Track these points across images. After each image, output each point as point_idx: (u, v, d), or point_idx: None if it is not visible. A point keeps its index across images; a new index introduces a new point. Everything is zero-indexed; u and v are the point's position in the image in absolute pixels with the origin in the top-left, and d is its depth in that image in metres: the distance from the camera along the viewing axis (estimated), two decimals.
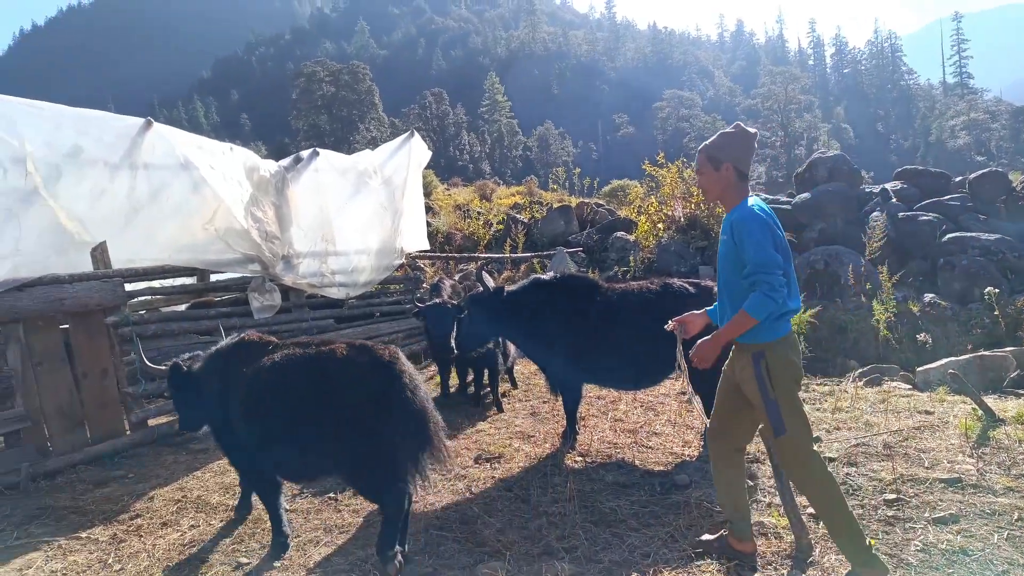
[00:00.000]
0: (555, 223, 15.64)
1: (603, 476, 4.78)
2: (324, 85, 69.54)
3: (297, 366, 3.64)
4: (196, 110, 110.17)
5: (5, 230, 5.42)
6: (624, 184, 23.07)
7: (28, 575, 3.80)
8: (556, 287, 5.49)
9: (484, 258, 13.17)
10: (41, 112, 5.63)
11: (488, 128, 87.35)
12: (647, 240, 12.66)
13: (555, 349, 5.35)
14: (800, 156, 61.44)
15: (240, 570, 3.70)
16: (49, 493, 5.07)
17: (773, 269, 2.98)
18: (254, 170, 7.47)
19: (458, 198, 21.34)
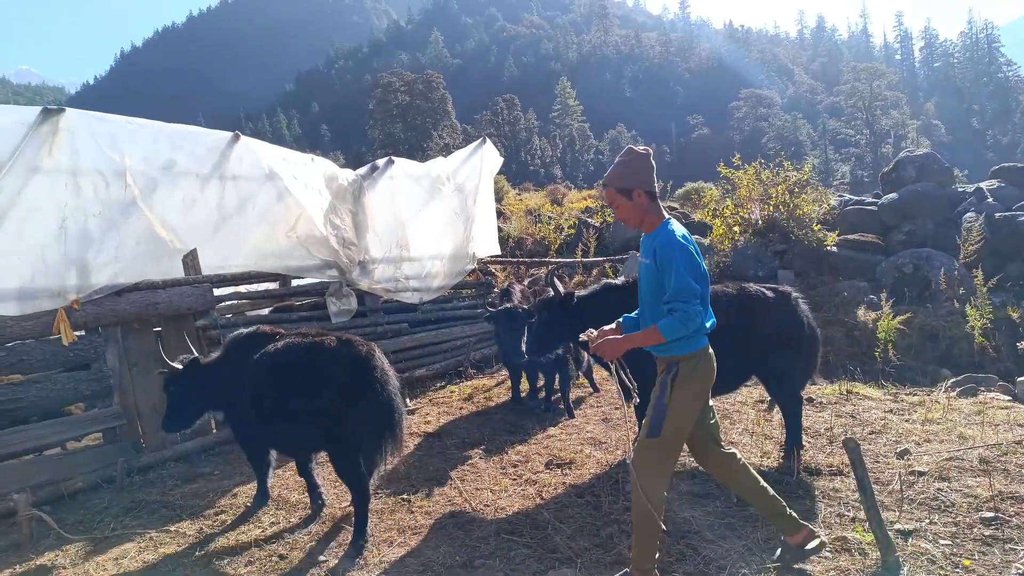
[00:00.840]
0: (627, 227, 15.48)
1: (677, 485, 4.66)
2: (399, 95, 71.16)
3: (290, 355, 4.19)
4: (280, 122, 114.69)
5: (107, 239, 5.77)
6: (698, 187, 22.58)
7: (123, 564, 4.03)
8: (628, 291, 5.40)
9: (555, 263, 13.15)
10: (140, 128, 5.98)
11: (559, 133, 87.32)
12: (722, 244, 12.34)
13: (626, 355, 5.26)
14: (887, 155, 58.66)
15: (318, 567, 3.81)
16: (142, 488, 5.37)
17: (691, 298, 3.07)
18: (333, 179, 7.72)
19: (529, 203, 21.39)
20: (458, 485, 4.93)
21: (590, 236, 14.58)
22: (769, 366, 4.99)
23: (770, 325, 4.89)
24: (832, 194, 15.00)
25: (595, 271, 13.29)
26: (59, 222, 5.43)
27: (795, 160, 14.51)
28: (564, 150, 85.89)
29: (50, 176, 5.35)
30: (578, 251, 14.05)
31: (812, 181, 13.04)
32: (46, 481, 5.14)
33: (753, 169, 12.75)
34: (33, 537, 4.39)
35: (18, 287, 5.22)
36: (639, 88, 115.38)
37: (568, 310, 5.26)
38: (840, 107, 77.53)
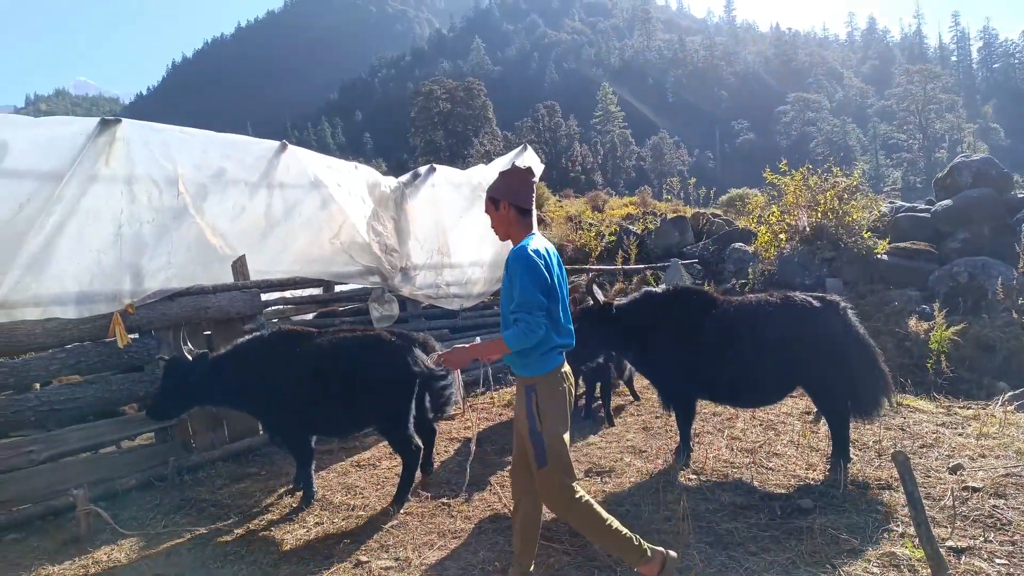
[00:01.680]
0: (669, 234, 15.35)
1: (719, 496, 4.63)
2: (440, 102, 71.86)
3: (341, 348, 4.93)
4: (324, 130, 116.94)
5: (160, 245, 6.00)
6: (743, 193, 22.28)
7: (174, 561, 4.18)
8: (668, 299, 5.39)
9: (596, 270, 13.12)
10: (192, 138, 6.21)
11: (600, 139, 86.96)
12: (767, 251, 12.16)
13: (667, 364, 5.26)
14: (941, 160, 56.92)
15: (360, 568, 3.90)
16: (192, 486, 5.56)
17: (533, 310, 3.12)
18: (376, 186, 7.88)
19: (569, 209, 21.39)
20: (497, 491, 4.98)
21: (631, 243, 14.52)
22: (815, 378, 4.92)
23: (816, 335, 4.81)
24: (882, 200, 14.66)
25: (636, 278, 13.22)
26: (115, 229, 5.67)
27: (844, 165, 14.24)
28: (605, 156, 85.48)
29: (107, 184, 5.60)
30: (619, 258, 14.00)
31: (862, 187, 12.76)
32: (102, 478, 5.36)
33: (800, 175, 12.54)
34: (91, 531, 4.58)
35: (77, 291, 5.46)
36: (682, 93, 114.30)
37: (608, 319, 5.29)
38: (892, 111, 75.46)
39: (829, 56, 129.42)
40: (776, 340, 4.86)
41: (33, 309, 5.23)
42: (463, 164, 12.61)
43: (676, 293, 5.49)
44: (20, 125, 5.15)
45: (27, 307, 5.20)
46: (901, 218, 12.87)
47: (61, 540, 4.58)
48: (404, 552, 4.07)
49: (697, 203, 22.71)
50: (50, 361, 5.35)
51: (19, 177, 4.98)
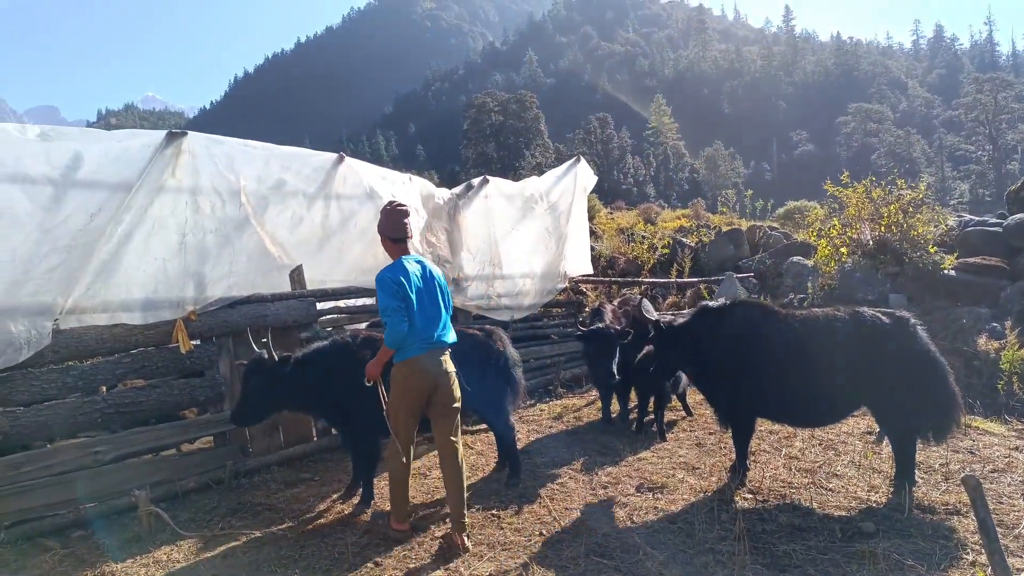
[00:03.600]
0: (724, 247, 15.09)
1: (776, 516, 4.50)
2: (493, 115, 72.50)
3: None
4: (379, 143, 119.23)
5: (222, 254, 6.19)
6: (801, 206, 21.73)
7: (231, 563, 4.28)
8: (726, 314, 5.28)
9: (648, 283, 12.99)
10: (253, 150, 6.41)
11: (653, 151, 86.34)
12: (827, 265, 11.79)
13: (725, 380, 5.16)
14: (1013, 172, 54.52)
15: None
16: (248, 490, 5.69)
17: (392, 313, 4.10)
18: (430, 198, 7.98)
19: (621, 222, 21.23)
20: (547, 504, 4.95)
21: (685, 256, 14.32)
22: (882, 396, 4.75)
23: (886, 352, 4.65)
24: (949, 214, 14.09)
25: (690, 292, 13.02)
26: (180, 238, 5.88)
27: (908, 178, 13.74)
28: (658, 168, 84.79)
29: (173, 195, 5.80)
30: (672, 271, 13.81)
31: (928, 200, 12.29)
32: (163, 479, 5.54)
33: (863, 187, 12.15)
34: (152, 531, 4.74)
35: (143, 298, 5.67)
36: (738, 104, 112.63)
37: (660, 336, 5.25)
38: (959, 121, 72.79)
39: (893, 65, 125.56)
40: (843, 356, 4.70)
41: (102, 315, 5.45)
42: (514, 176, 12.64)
43: (734, 307, 5.35)
44: (93, 138, 5.39)
45: (96, 312, 5.42)
46: (970, 232, 12.33)
47: (124, 538, 4.74)
48: (453, 563, 4.07)
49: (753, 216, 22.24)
50: (116, 365, 5.57)
51: (91, 188, 5.21)
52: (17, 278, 4.82)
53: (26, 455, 5.05)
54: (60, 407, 5.21)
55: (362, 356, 5.11)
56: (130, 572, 4.21)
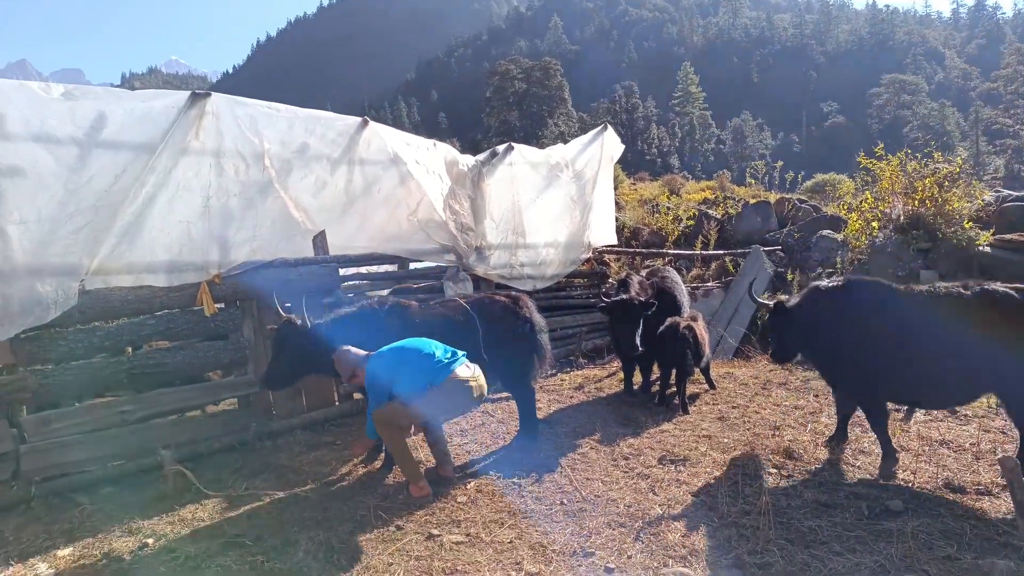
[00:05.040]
0: (751, 219, 14.83)
1: (801, 492, 4.46)
2: (516, 82, 71.69)
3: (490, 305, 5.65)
4: (400, 110, 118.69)
5: (246, 218, 6.20)
6: (831, 179, 21.28)
7: (254, 523, 4.34)
8: (842, 293, 4.97)
9: (672, 254, 12.84)
10: (278, 113, 6.36)
11: (679, 121, 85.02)
12: (857, 240, 11.57)
13: (849, 364, 4.87)
14: None
15: (432, 541, 3.95)
16: (271, 452, 5.76)
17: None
18: (453, 164, 7.91)
19: (645, 193, 20.98)
20: (568, 474, 4.95)
21: (711, 228, 14.08)
22: (1016, 379, 4.38)
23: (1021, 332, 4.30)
24: (985, 189, 13.70)
25: (714, 264, 12.84)
26: (204, 201, 5.89)
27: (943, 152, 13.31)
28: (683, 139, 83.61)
29: (196, 157, 5.80)
30: (697, 243, 13.61)
31: (963, 174, 11.96)
32: (188, 440, 5.63)
33: (898, 160, 11.86)
34: (177, 490, 4.82)
35: (168, 260, 5.71)
36: (768, 73, 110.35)
37: (782, 318, 5.17)
38: (998, 94, 70.61)
39: (930, 35, 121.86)
40: (972, 336, 4.39)
41: (127, 276, 5.50)
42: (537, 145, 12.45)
43: (852, 286, 5.01)
44: (117, 97, 5.37)
45: (121, 274, 5.47)
46: (1009, 208, 12.00)
47: (150, 496, 4.83)
48: (475, 528, 4.10)
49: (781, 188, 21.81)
50: (142, 327, 5.63)
51: (115, 148, 5.20)
52: (44, 238, 4.86)
53: (56, 412, 5.16)
54: (87, 367, 5.29)
55: (389, 323, 5.15)
56: (156, 529, 4.29)
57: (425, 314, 5.44)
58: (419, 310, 5.47)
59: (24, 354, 4.95)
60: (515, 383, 5.75)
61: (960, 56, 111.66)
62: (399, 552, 3.83)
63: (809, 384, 7.23)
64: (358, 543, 3.96)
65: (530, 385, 5.77)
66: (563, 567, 3.59)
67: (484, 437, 5.95)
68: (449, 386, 4.57)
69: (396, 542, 3.95)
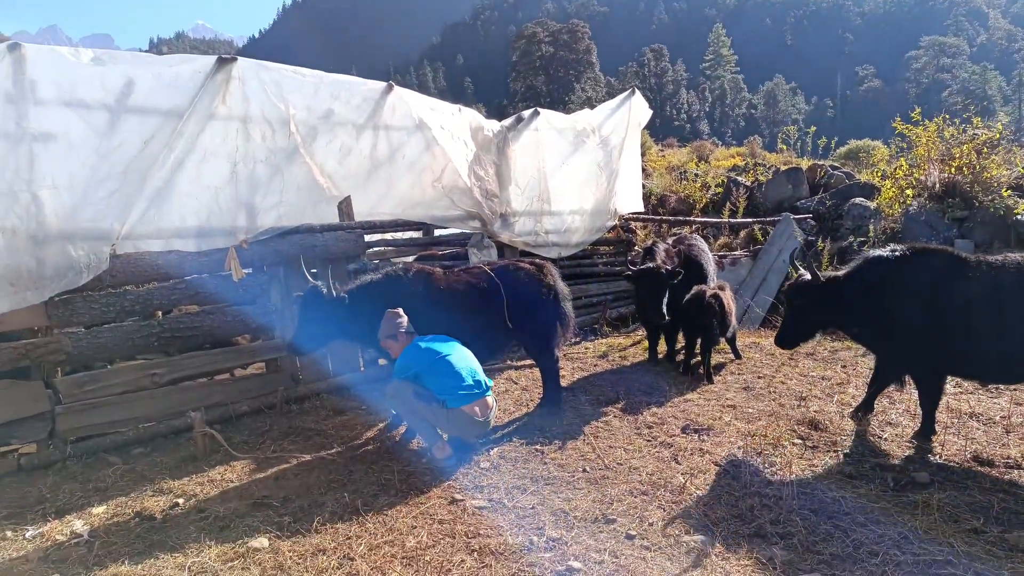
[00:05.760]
0: (781, 187, 14.54)
1: (826, 462, 4.43)
2: (543, 46, 70.59)
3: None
4: (425, 75, 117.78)
5: (272, 184, 6.22)
6: (865, 145, 20.73)
7: (282, 484, 4.44)
8: (904, 263, 4.73)
9: (700, 222, 12.67)
10: (304, 78, 6.32)
11: (710, 85, 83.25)
12: (891, 208, 11.30)
13: (910, 338, 4.69)
14: None
15: (455, 505, 4.00)
16: (298, 416, 5.86)
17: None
18: (479, 130, 7.83)
19: (673, 159, 20.67)
20: (591, 441, 4.96)
21: (740, 196, 13.84)
22: None
23: None
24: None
25: (743, 233, 12.66)
26: (231, 167, 5.92)
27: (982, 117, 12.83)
28: (713, 104, 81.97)
29: (223, 123, 5.81)
30: (725, 211, 13.40)
31: (1004, 141, 11.56)
32: (217, 403, 5.74)
33: (935, 125, 11.49)
34: (206, 451, 4.93)
35: (196, 226, 5.78)
36: (802, 35, 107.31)
37: (827, 293, 4.91)
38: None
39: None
40: None
41: (156, 241, 5.57)
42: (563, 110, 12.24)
43: (916, 256, 4.75)
44: (145, 63, 5.38)
45: (151, 239, 5.55)
46: None
47: (180, 457, 4.96)
48: (497, 494, 4.14)
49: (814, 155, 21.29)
50: (171, 291, 5.70)
51: (144, 114, 5.23)
52: (76, 203, 4.93)
53: (89, 374, 5.28)
54: (118, 330, 5.39)
55: (415, 290, 5.16)
56: (186, 489, 4.40)
57: (449, 281, 5.44)
58: (443, 277, 5.46)
59: (58, 317, 5.05)
60: (539, 351, 5.75)
61: (1005, 16, 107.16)
62: (423, 515, 3.89)
63: (837, 355, 7.14)
64: (382, 506, 4.02)
65: (554, 353, 5.75)
66: (584, 533, 3.62)
67: (507, 404, 5.99)
68: (457, 415, 4.61)
69: (420, 506, 4.01)
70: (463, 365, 4.71)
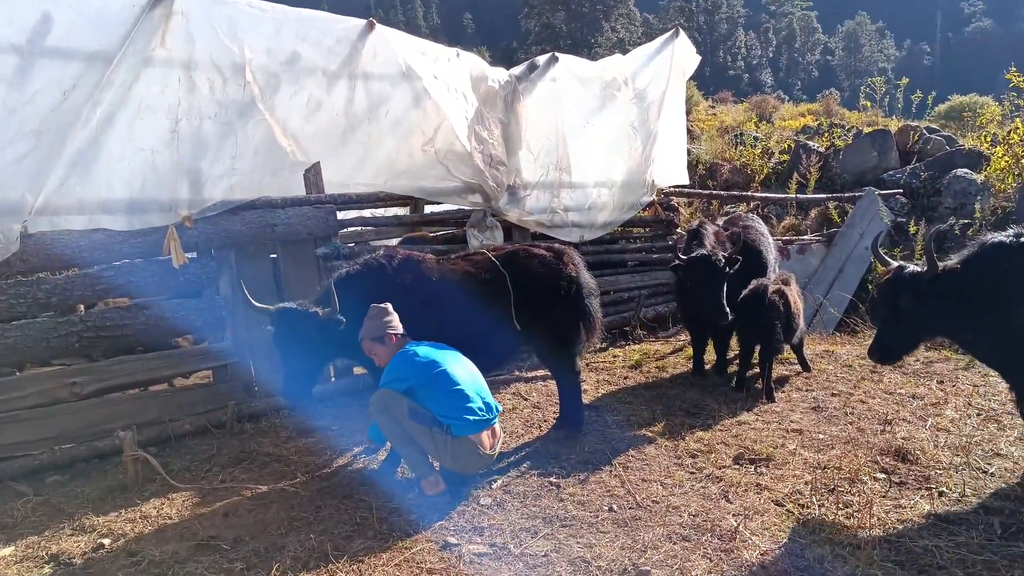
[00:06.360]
0: (864, 153, 14.52)
1: (915, 503, 4.43)
2: None
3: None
4: (415, 9, 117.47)
5: (223, 146, 6.24)
6: (971, 101, 20.64)
7: (233, 522, 4.47)
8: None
9: (760, 198, 12.67)
10: (263, 14, 6.33)
11: (774, 25, 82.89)
12: (1003, 181, 11.27)
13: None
14: None
15: (448, 551, 4.02)
16: (253, 436, 5.91)
17: None
18: (481, 80, 7.82)
19: (726, 119, 20.66)
20: (620, 473, 4.98)
21: (811, 165, 13.83)
22: None
23: None
24: None
25: (814, 212, 12.66)
26: (171, 124, 5.94)
27: None
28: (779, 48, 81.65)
29: (162, 69, 5.84)
30: (792, 184, 13.39)
31: None
32: (152, 420, 5.79)
33: None
34: (139, 480, 4.98)
35: (127, 198, 5.81)
36: None
37: (944, 290, 4.58)
38: None
39: None
40: None
41: (78, 217, 5.61)
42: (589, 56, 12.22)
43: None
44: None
45: (71, 214, 5.58)
46: None
47: (106, 487, 5.00)
48: (501, 538, 4.15)
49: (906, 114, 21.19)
50: (96, 280, 5.74)
51: (64, 57, 5.26)
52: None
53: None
54: (30, 327, 5.43)
55: (399, 281, 5.16)
56: (114, 527, 4.43)
57: (443, 271, 5.44)
58: (436, 265, 5.47)
59: None
60: (555, 359, 5.77)
61: None
62: (408, 563, 3.92)
63: (932, 367, 7.13)
64: (357, 551, 4.05)
65: (575, 362, 5.74)
66: None
67: (515, 425, 6.02)
68: (463, 446, 4.58)
69: (404, 551, 4.03)
70: (469, 382, 4.70)
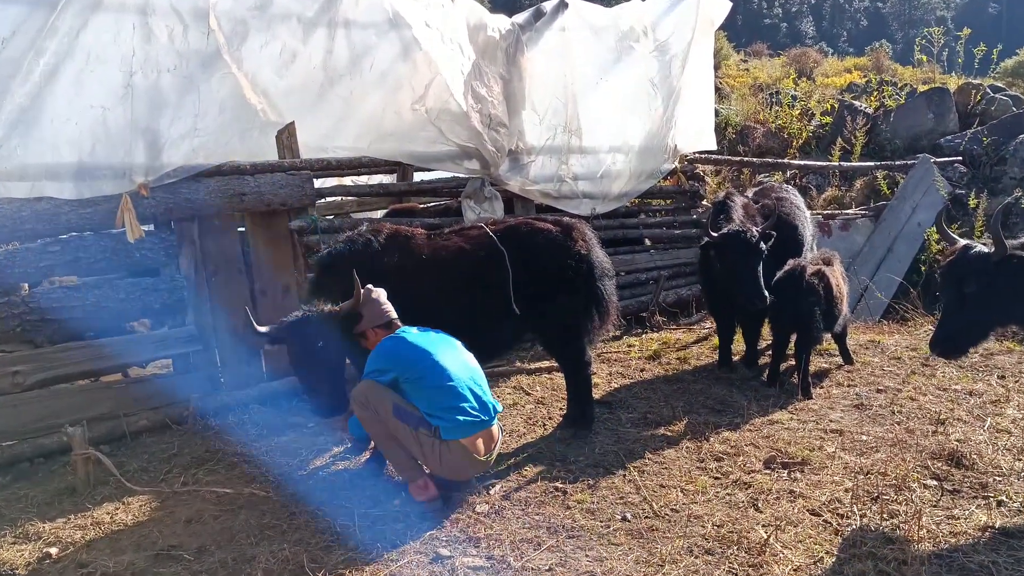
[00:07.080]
0: (918, 115, 14.46)
1: (971, 513, 4.45)
2: None
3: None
4: None
5: (183, 103, 6.23)
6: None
7: (195, 530, 4.49)
8: None
9: (798, 166, 12.63)
10: None
11: None
12: None
13: None
14: None
15: (439, 564, 4.05)
16: (219, 434, 5.93)
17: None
18: (480, 29, 7.78)
19: (760, 75, 20.58)
20: (634, 478, 5.00)
21: (857, 128, 13.79)
22: None
23: None
24: None
25: (860, 182, 12.62)
26: (125, 78, 5.94)
27: None
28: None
29: (114, 15, 5.84)
30: (836, 150, 13.35)
31: None
32: (105, 414, 5.81)
33: None
34: (89, 482, 5.01)
35: (75, 162, 5.81)
36: None
37: (1016, 274, 4.53)
38: None
39: None
40: None
41: (19, 184, 5.61)
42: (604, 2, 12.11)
43: None
44: None
45: (11, 181, 5.59)
46: None
47: (54, 490, 5.03)
48: (500, 549, 4.18)
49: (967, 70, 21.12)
50: (41, 255, 5.76)
51: (1, 0, 5.25)
52: None
53: None
54: None
55: (384, 259, 5.17)
56: (62, 535, 4.46)
57: (435, 247, 5.45)
58: (427, 241, 5.48)
59: None
60: (563, 348, 5.79)
61: None
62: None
63: (992, 360, 7.14)
64: (336, 563, 4.07)
65: (584, 352, 5.75)
66: None
67: (516, 423, 6.04)
68: (453, 451, 4.55)
69: (390, 564, 4.06)
70: (464, 376, 4.67)
